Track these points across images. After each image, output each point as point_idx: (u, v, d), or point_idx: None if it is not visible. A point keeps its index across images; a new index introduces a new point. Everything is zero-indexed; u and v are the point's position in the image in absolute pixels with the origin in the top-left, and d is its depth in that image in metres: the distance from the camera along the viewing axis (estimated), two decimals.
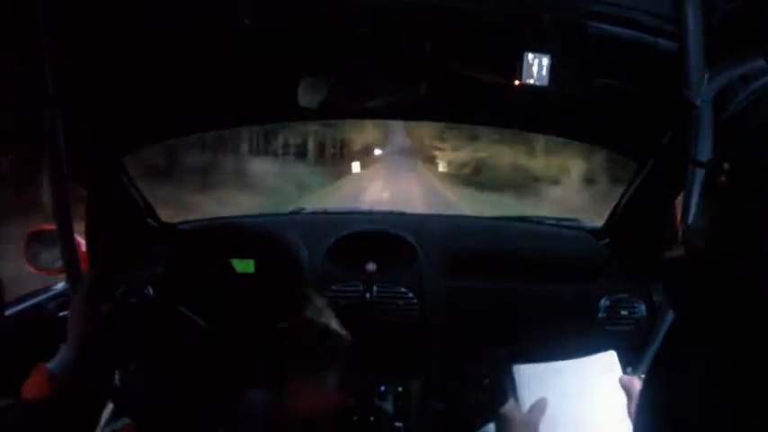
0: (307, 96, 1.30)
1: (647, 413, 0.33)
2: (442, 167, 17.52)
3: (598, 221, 1.68)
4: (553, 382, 0.79)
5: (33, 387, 0.77)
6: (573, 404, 0.78)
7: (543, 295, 1.49)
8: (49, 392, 0.76)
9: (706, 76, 0.81)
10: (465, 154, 15.62)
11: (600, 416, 0.78)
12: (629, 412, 0.76)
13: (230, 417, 0.74)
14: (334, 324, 0.83)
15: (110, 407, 0.84)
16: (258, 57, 1.15)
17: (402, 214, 1.93)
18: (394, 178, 15.71)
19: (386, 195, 12.69)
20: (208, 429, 0.72)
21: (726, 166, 0.33)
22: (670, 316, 0.98)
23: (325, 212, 1.94)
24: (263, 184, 10.80)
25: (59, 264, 1.09)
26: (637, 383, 0.76)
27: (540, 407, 0.75)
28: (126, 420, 0.74)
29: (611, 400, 0.78)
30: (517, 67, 1.04)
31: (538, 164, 12.44)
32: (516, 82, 1.05)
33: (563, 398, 0.78)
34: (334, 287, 1.49)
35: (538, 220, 1.80)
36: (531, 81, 1.04)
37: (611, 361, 0.82)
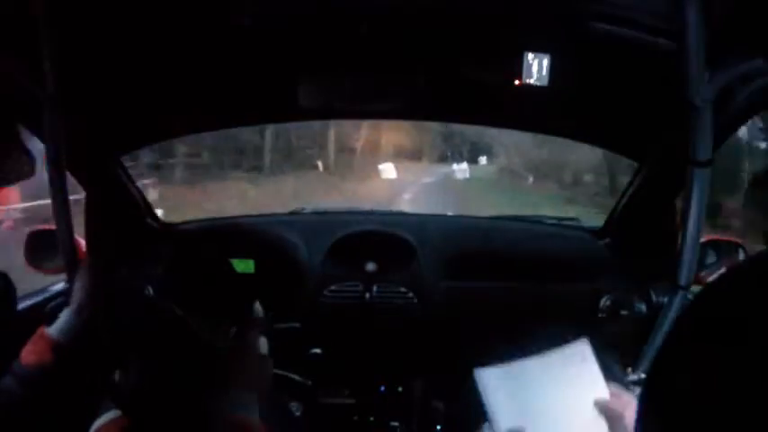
0: (307, 96, 1.30)
1: (648, 416, 0.32)
2: None
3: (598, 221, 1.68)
4: (522, 382, 0.73)
5: (35, 353, 0.75)
6: (550, 399, 0.73)
7: (543, 295, 1.49)
8: (51, 359, 0.74)
9: (706, 76, 0.81)
10: None
11: (576, 411, 0.72)
12: None
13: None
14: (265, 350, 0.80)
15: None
16: (258, 57, 1.15)
17: (402, 214, 1.93)
18: None
19: None
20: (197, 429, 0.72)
21: None
22: (671, 316, 0.98)
23: (326, 212, 1.94)
24: None
25: (59, 264, 1.09)
26: (614, 403, 0.71)
27: None
28: (117, 412, 0.74)
29: (587, 392, 0.73)
30: (517, 67, 1.04)
31: None
32: (516, 82, 1.05)
33: (538, 395, 0.72)
34: (334, 287, 1.49)
35: (538, 220, 1.80)
36: (531, 81, 1.04)
37: (582, 351, 0.76)
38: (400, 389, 1.49)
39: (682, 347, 0.31)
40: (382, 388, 1.48)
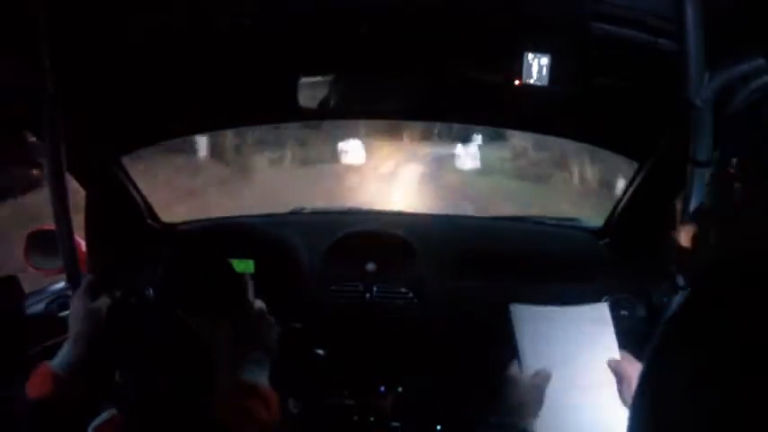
0: (307, 96, 1.30)
1: (638, 412, 0.33)
2: None
3: (598, 221, 1.68)
4: (549, 326, 0.81)
5: (37, 386, 0.78)
6: (567, 349, 0.80)
7: (543, 295, 1.48)
8: (53, 392, 0.77)
9: (706, 76, 0.81)
10: None
11: (591, 364, 0.79)
12: (620, 395, 0.77)
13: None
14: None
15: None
16: (258, 57, 1.15)
17: (402, 214, 1.93)
18: None
19: None
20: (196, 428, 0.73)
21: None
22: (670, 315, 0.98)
23: (326, 212, 1.94)
24: None
25: (59, 264, 1.09)
26: (626, 366, 0.77)
27: (544, 374, 0.76)
28: (113, 411, 0.74)
29: (601, 350, 0.80)
30: (517, 67, 1.04)
31: None
32: (516, 82, 1.05)
33: (558, 342, 0.80)
34: (334, 287, 1.49)
35: (538, 220, 1.80)
36: (531, 81, 1.04)
37: (603, 313, 0.84)
38: (400, 389, 1.48)
39: (675, 347, 0.31)
40: (382, 388, 1.48)
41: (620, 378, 0.77)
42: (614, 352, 0.81)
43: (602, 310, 0.84)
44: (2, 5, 0.86)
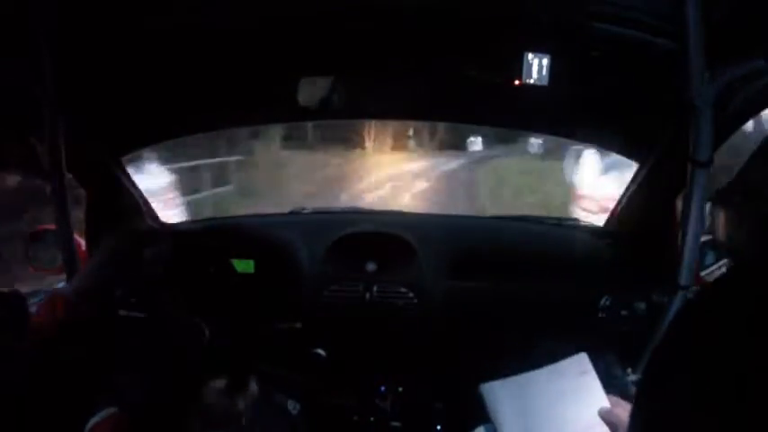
0: (307, 96, 1.30)
1: (640, 419, 0.32)
2: None
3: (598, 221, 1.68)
4: (527, 394, 0.76)
5: (47, 309, 0.77)
6: (552, 412, 0.76)
7: (543, 295, 1.49)
8: (63, 315, 0.77)
9: (706, 76, 0.81)
10: None
11: (579, 422, 0.75)
12: None
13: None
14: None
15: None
16: (258, 57, 1.15)
17: (402, 214, 1.93)
18: None
19: None
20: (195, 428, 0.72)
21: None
22: (671, 316, 0.98)
23: (326, 212, 1.94)
24: None
25: (59, 264, 1.09)
26: (617, 411, 0.73)
27: None
28: (111, 409, 0.74)
29: (587, 403, 0.76)
30: (517, 67, 1.04)
31: None
32: (516, 82, 1.05)
33: (540, 408, 0.75)
34: (334, 287, 1.49)
35: (538, 220, 1.80)
36: (531, 81, 1.04)
37: (582, 364, 0.80)
38: (400, 389, 1.48)
39: (680, 348, 0.31)
40: (382, 388, 1.48)
41: (614, 425, 0.72)
42: (603, 400, 0.76)
43: (581, 362, 0.80)
44: (2, 5, 0.86)
